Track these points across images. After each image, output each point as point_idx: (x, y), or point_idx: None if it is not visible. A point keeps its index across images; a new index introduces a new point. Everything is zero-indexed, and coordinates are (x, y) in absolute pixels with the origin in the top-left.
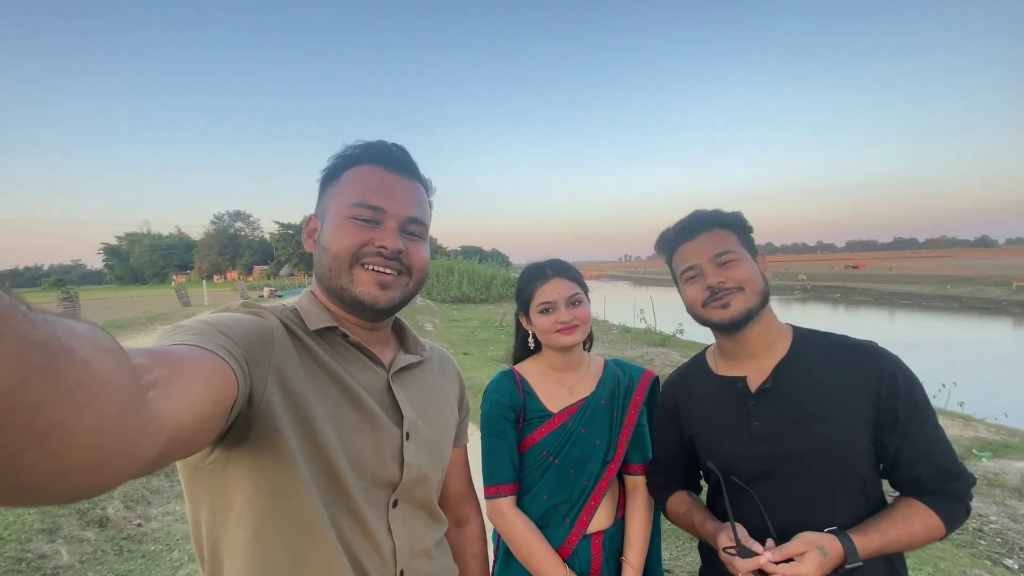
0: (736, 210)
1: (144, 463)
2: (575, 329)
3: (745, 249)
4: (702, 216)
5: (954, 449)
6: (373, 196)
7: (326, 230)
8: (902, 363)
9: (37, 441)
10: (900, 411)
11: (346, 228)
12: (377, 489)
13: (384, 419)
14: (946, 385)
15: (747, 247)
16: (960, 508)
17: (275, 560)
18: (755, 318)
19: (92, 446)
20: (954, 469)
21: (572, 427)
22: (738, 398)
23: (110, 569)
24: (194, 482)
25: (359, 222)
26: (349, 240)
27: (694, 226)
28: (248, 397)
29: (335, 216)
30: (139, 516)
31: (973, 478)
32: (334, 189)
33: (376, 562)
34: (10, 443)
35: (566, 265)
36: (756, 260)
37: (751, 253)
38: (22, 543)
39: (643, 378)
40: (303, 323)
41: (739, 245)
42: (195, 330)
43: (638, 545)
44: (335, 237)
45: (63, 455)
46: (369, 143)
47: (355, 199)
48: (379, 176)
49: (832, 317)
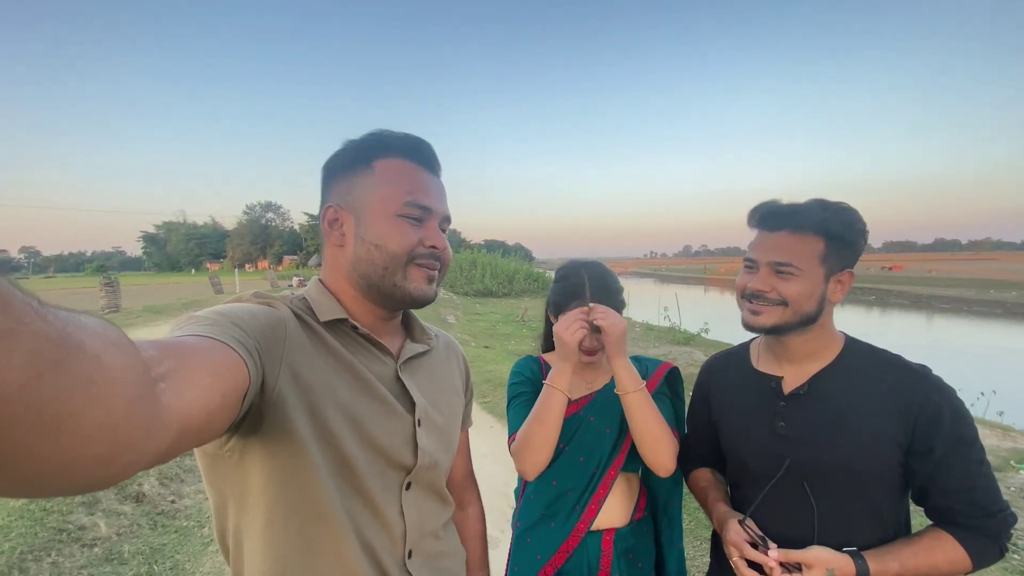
0: (850, 215)
1: (154, 455)
2: (596, 353)
3: (822, 264)
4: (795, 212)
5: (999, 488)
6: (422, 196)
7: (374, 226)
8: (954, 395)
9: (49, 434)
10: (938, 443)
11: (402, 227)
12: (392, 472)
13: (397, 406)
14: (985, 394)
15: (827, 261)
16: (993, 547)
17: (289, 544)
18: (790, 332)
19: (103, 439)
20: (993, 507)
21: (583, 415)
22: (769, 396)
23: (145, 542)
24: (213, 469)
25: (411, 220)
26: (408, 240)
27: (782, 219)
28: (260, 387)
29: (384, 213)
30: (173, 493)
31: (1014, 517)
32: (368, 180)
33: (386, 543)
34: (23, 436)
35: (608, 287)
36: (830, 278)
37: (830, 269)
38: (63, 514)
39: (659, 368)
40: (313, 313)
41: (815, 258)
42: (207, 321)
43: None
44: (392, 236)
45: (74, 448)
46: (395, 134)
47: (405, 197)
48: (420, 174)
49: (865, 321)
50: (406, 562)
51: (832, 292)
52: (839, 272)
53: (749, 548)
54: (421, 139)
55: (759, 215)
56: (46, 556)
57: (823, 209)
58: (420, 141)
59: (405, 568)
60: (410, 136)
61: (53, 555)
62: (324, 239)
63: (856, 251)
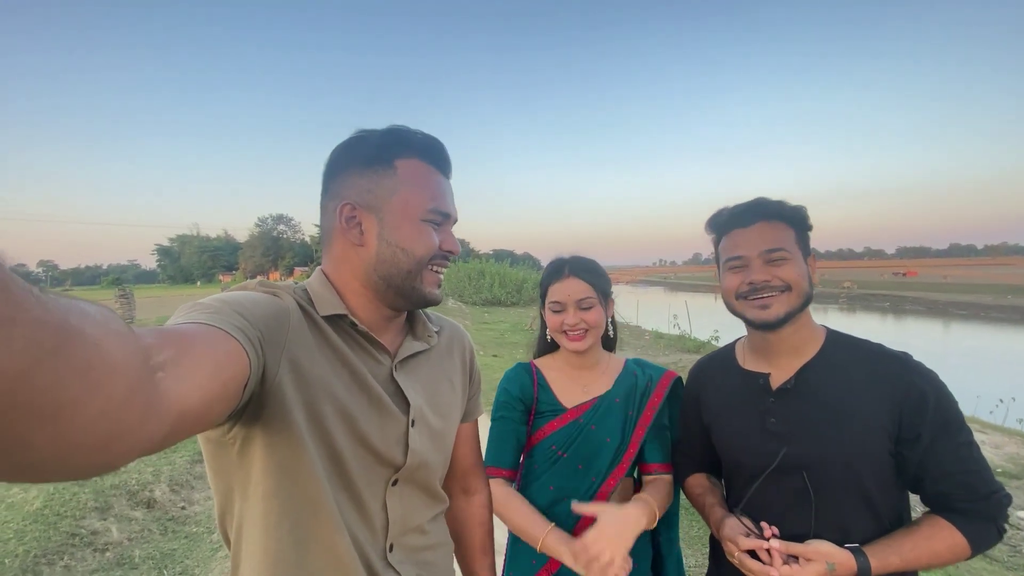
0: (800, 204)
1: (152, 442)
2: (583, 335)
3: (799, 248)
4: (763, 205)
5: (990, 469)
6: (443, 203)
7: (400, 229)
8: (936, 379)
9: (48, 421)
10: (924, 429)
11: (427, 232)
12: (380, 468)
13: (391, 406)
14: (1004, 401)
15: (801, 246)
16: (991, 529)
17: (284, 534)
18: (793, 319)
19: (101, 426)
20: (986, 489)
21: (583, 423)
22: (758, 394)
23: (155, 547)
24: (216, 457)
25: (433, 225)
26: (431, 244)
27: (752, 213)
28: (261, 376)
29: (409, 217)
30: (183, 499)
31: (1009, 498)
32: (391, 181)
33: (368, 536)
34: (21, 422)
35: (587, 264)
36: (807, 261)
37: (804, 253)
38: (76, 519)
39: (663, 378)
40: (314, 306)
41: (794, 243)
42: (211, 309)
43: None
44: (418, 240)
45: (72, 434)
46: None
47: (429, 203)
48: (439, 179)
49: (879, 327)
50: (387, 555)
51: (812, 275)
52: (808, 256)
53: (744, 539)
54: (437, 140)
55: (725, 217)
56: (59, 560)
57: (776, 202)
58: (437, 142)
59: (387, 561)
60: (428, 136)
61: (66, 559)
62: (334, 234)
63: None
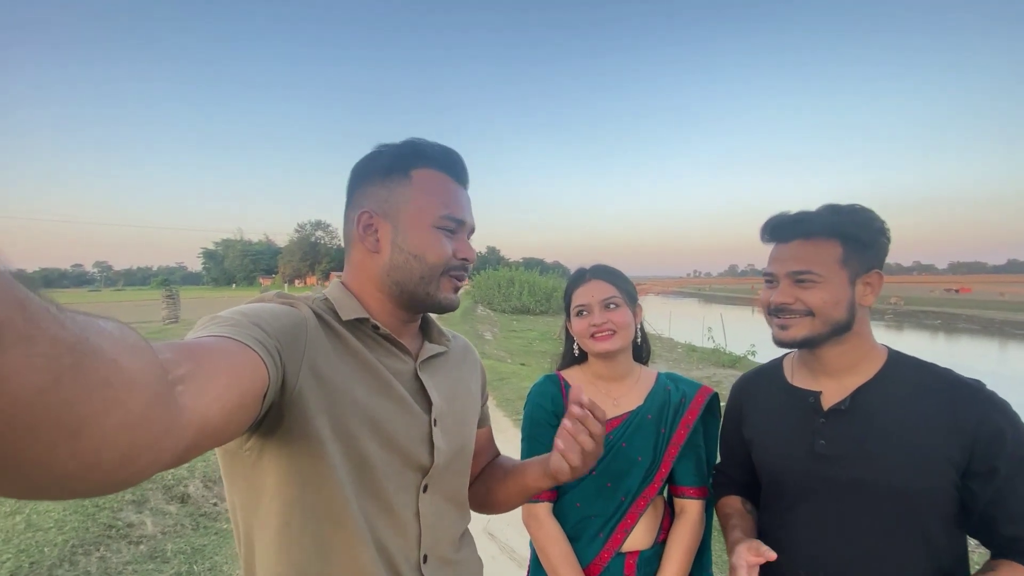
0: (865, 215)
1: (173, 456)
2: (610, 336)
3: (845, 267)
4: (803, 221)
5: None
6: (458, 210)
7: (412, 236)
8: (1012, 412)
9: (68, 437)
10: (1002, 463)
11: (441, 239)
12: (409, 472)
13: (414, 405)
14: None
15: (850, 264)
16: None
17: (304, 546)
18: (824, 343)
19: (121, 441)
20: None
21: (614, 440)
22: (807, 413)
23: (187, 542)
24: (231, 467)
25: (447, 233)
26: (445, 252)
27: (792, 229)
28: (280, 387)
29: (422, 224)
30: (216, 496)
31: None
32: (406, 189)
33: (400, 546)
34: (43, 440)
35: (607, 268)
36: (856, 281)
37: (854, 271)
38: (114, 511)
39: (698, 395)
40: (335, 313)
41: (836, 262)
42: (228, 321)
43: (673, 570)
44: (432, 247)
45: (93, 450)
46: (431, 144)
47: (443, 211)
48: (453, 187)
49: (929, 345)
50: (421, 566)
51: (861, 296)
52: (865, 274)
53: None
54: (454, 151)
55: (770, 228)
56: (95, 551)
57: (834, 213)
58: (453, 153)
59: (420, 572)
60: (444, 147)
61: (101, 550)
62: (352, 242)
63: (879, 251)
